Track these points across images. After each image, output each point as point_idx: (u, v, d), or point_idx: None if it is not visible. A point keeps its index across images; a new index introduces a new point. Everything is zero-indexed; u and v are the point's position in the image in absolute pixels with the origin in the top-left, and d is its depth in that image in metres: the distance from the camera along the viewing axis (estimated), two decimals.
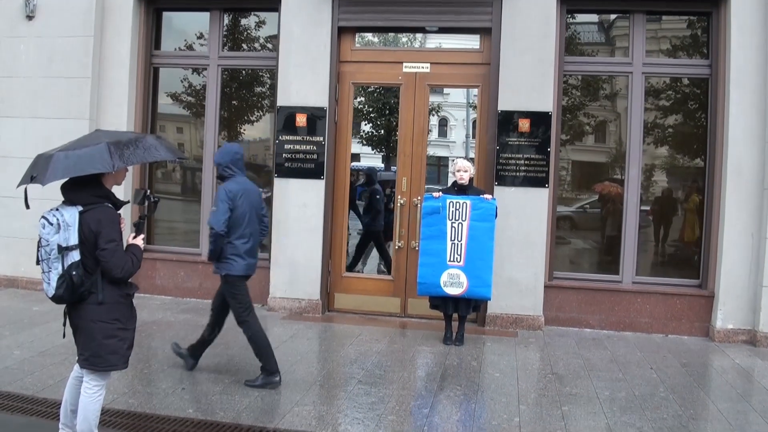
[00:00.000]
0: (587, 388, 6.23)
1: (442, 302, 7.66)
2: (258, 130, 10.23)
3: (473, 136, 10.37)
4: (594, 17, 9.49)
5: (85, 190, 4.06)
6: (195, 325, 7.88)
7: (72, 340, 4.25)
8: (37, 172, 3.97)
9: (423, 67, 8.80)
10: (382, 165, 18.10)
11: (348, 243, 9.49)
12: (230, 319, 8.15)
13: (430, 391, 6.03)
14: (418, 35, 9.62)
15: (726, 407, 5.85)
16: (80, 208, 4.01)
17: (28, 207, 4.12)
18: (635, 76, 8.63)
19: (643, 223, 8.83)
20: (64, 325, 4.25)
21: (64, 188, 4.09)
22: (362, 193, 11.38)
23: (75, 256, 3.98)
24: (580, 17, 9.25)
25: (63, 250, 3.97)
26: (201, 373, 6.18)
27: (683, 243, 9.12)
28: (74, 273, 3.98)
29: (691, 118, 9.12)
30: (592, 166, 9.67)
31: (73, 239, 3.98)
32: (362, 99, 15.56)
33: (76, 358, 4.25)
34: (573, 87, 9.26)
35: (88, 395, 4.20)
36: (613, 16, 9.29)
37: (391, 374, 6.47)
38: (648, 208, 9.02)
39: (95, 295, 4.07)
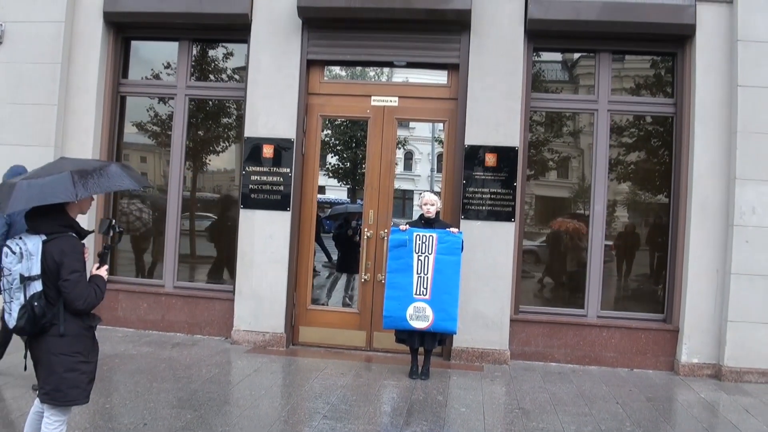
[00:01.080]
0: (554, 423, 6.22)
1: (408, 336, 7.63)
2: (224, 160, 10.16)
3: (438, 170, 10.42)
4: (560, 56, 9.64)
5: (49, 219, 3.98)
6: (157, 359, 7.79)
7: (33, 373, 4.15)
8: (0, 201, 3.90)
9: (391, 101, 8.84)
10: (348, 198, 18.15)
11: (314, 276, 9.45)
12: (195, 355, 8.08)
13: (396, 427, 5.97)
14: (387, 69, 9.67)
15: None
16: (44, 237, 3.94)
17: None
18: (600, 113, 8.76)
19: (607, 258, 8.91)
20: (25, 357, 4.15)
21: (28, 216, 4.01)
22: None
23: (37, 286, 3.90)
24: (547, 55, 9.39)
25: (25, 280, 3.89)
26: (163, 408, 6.06)
27: (648, 277, 9.21)
28: (36, 304, 3.89)
29: (656, 155, 9.26)
30: (557, 201, 9.76)
31: (36, 269, 3.90)
32: (328, 131, 15.63)
33: (37, 392, 4.15)
34: (538, 123, 9.37)
35: (49, 431, 4.10)
36: (578, 55, 9.44)
37: (357, 409, 6.40)
38: (612, 243, 9.09)
39: (57, 327, 3.98)
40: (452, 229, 7.63)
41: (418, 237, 7.54)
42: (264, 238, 8.74)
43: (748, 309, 7.97)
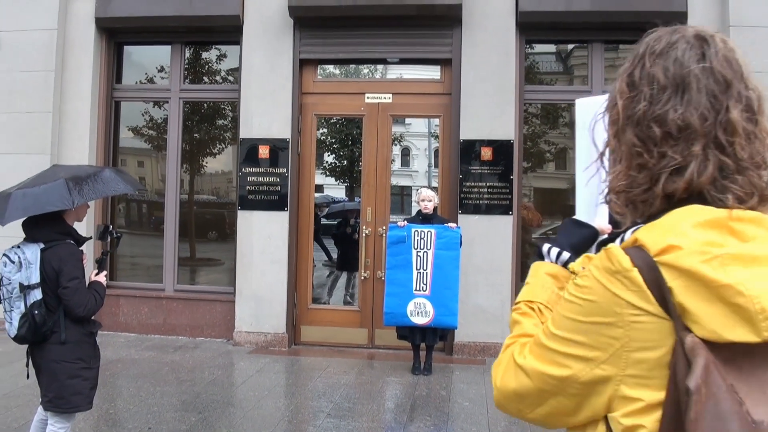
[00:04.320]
0: None
1: (409, 332, 7.64)
2: (220, 162, 10.18)
3: (435, 165, 10.41)
4: (552, 47, 9.64)
5: (47, 227, 4.00)
6: (160, 362, 7.80)
7: (36, 382, 4.17)
8: None
9: (385, 98, 8.85)
10: (345, 197, 18.10)
11: (313, 275, 9.46)
12: (198, 357, 8.09)
13: (399, 423, 5.99)
14: (380, 66, 9.67)
15: None
16: (42, 246, 3.96)
17: None
18: None
19: None
20: (27, 365, 4.17)
21: (26, 225, 4.04)
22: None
23: (37, 294, 3.93)
24: (539, 47, 9.40)
25: (25, 289, 3.91)
26: (167, 411, 6.08)
27: None
28: (36, 312, 3.91)
29: None
30: (555, 193, 9.77)
31: (35, 277, 3.92)
32: (324, 130, 15.60)
33: (40, 399, 4.16)
34: (533, 115, 9.38)
35: None
36: (571, 46, 9.44)
37: (360, 407, 6.42)
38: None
39: (58, 335, 4.00)
40: (450, 225, 7.64)
41: (416, 233, 7.54)
42: (263, 239, 8.75)
43: None
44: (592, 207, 1.61)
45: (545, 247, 1.60)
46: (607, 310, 1.17)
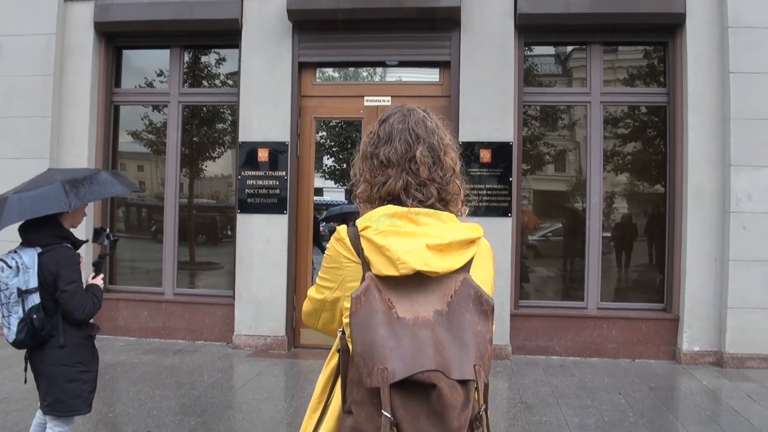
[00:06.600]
0: (557, 416, 6.23)
1: None
2: (220, 166, 10.18)
3: None
4: (551, 49, 9.64)
5: (44, 231, 4.00)
6: (159, 366, 7.79)
7: (35, 386, 4.16)
8: None
9: (384, 101, 8.83)
10: (345, 200, 18.14)
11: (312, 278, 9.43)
12: (197, 361, 8.08)
13: None
14: (379, 69, 9.67)
15: (696, 430, 5.88)
16: (39, 250, 3.95)
17: None
18: (593, 105, 8.76)
19: (605, 249, 8.91)
20: (26, 370, 4.16)
21: (22, 229, 4.03)
22: None
23: (35, 299, 3.92)
24: (538, 49, 9.39)
25: (23, 294, 3.91)
26: (166, 415, 6.07)
27: (646, 267, 9.22)
28: (35, 316, 3.91)
29: (650, 145, 9.26)
30: (554, 195, 9.76)
31: (33, 282, 3.92)
32: (324, 133, 15.62)
33: (39, 404, 4.16)
34: (533, 117, 9.37)
35: None
36: (570, 48, 9.44)
37: None
38: (610, 234, 9.10)
39: (56, 338, 4.00)
40: None
41: None
42: (262, 242, 8.74)
43: (747, 295, 7.96)
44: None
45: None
46: (335, 260, 2.03)
